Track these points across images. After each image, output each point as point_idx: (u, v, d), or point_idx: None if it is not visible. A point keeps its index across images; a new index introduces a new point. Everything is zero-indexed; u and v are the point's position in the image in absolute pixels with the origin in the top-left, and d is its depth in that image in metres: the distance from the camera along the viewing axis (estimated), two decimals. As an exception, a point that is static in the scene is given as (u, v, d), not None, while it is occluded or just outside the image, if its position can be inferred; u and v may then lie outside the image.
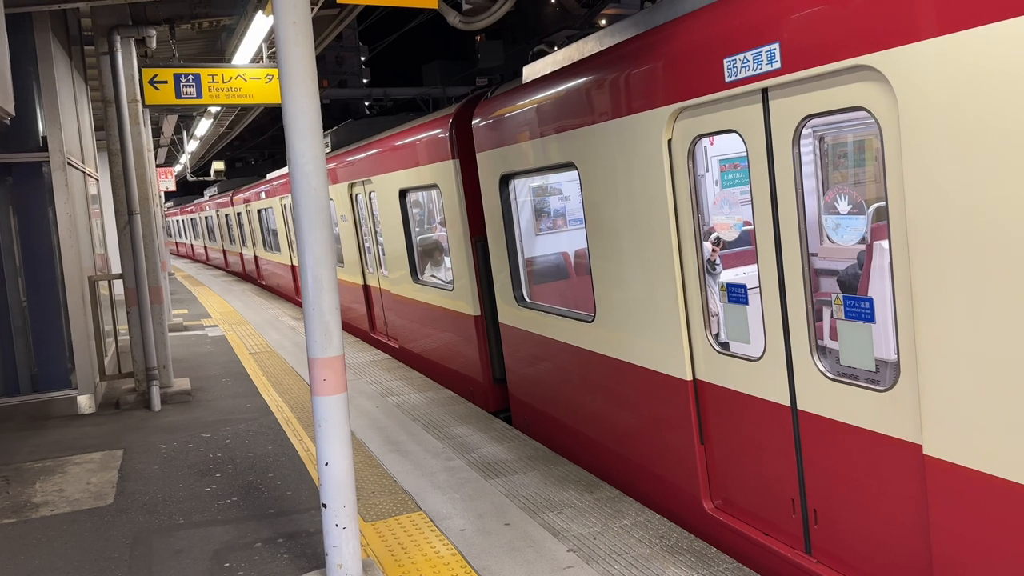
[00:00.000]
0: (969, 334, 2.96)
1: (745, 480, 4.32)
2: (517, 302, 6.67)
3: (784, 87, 3.67)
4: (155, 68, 8.72)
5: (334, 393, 3.90)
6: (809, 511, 3.91)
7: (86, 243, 9.09)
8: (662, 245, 4.59)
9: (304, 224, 3.84)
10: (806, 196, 3.81)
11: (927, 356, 3.12)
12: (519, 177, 6.50)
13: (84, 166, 9.72)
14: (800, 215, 3.75)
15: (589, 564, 4.23)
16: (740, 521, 4.39)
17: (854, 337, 3.59)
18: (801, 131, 3.69)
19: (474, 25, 5.83)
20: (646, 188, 4.65)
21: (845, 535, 3.73)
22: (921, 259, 3.09)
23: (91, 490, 5.89)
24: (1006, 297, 2.81)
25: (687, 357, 4.56)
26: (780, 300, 3.90)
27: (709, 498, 4.62)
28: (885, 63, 3.09)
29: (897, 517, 3.45)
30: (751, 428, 4.22)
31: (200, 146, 24.02)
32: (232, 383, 9.29)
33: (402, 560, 4.43)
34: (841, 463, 3.69)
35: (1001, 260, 2.80)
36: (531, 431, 6.79)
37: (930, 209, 3.02)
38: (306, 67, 3.79)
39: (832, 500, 3.77)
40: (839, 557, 3.78)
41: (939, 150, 2.95)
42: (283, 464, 6.20)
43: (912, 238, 3.11)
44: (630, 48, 4.75)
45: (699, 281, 4.43)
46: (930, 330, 3.10)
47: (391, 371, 9.32)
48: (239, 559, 4.58)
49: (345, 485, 3.95)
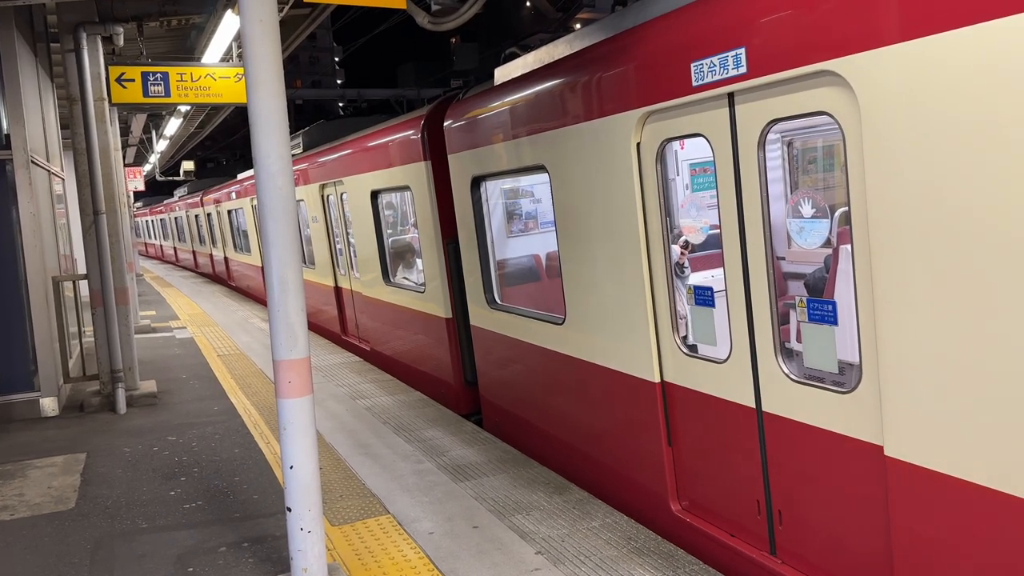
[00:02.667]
0: (928, 336, 2.97)
1: (712, 482, 4.34)
2: (488, 304, 6.67)
3: (750, 92, 3.68)
4: (122, 66, 8.63)
5: (299, 395, 3.86)
6: (774, 512, 3.94)
7: (50, 243, 8.93)
8: (631, 248, 4.60)
9: (270, 225, 3.80)
10: (774, 200, 3.85)
11: (888, 358, 3.14)
12: (490, 179, 6.51)
13: (49, 165, 9.56)
14: (765, 219, 3.79)
15: (556, 566, 4.23)
16: (707, 523, 4.41)
17: (817, 339, 3.63)
18: (767, 135, 3.72)
19: (443, 26, 5.82)
20: (615, 191, 4.66)
21: (809, 536, 3.75)
22: (882, 262, 3.12)
23: (52, 494, 5.78)
24: (965, 299, 2.83)
25: (655, 359, 4.58)
26: (746, 303, 3.93)
27: (677, 500, 4.63)
28: (847, 68, 3.12)
29: (859, 518, 3.46)
30: (718, 430, 4.24)
31: (170, 145, 23.74)
32: (199, 386, 9.17)
33: (369, 564, 4.39)
34: (805, 464, 3.71)
35: (960, 262, 2.82)
36: (502, 434, 6.78)
37: (891, 212, 3.05)
38: (272, 66, 3.75)
39: (796, 501, 3.80)
40: (803, 557, 3.81)
41: (899, 154, 2.98)
42: (250, 467, 6.13)
43: (873, 241, 3.15)
44: (599, 51, 4.76)
45: (667, 284, 4.43)
46: (890, 332, 3.12)
47: (362, 374, 9.27)
48: (202, 564, 4.51)
49: (310, 488, 3.91)
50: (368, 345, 10.33)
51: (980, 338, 2.80)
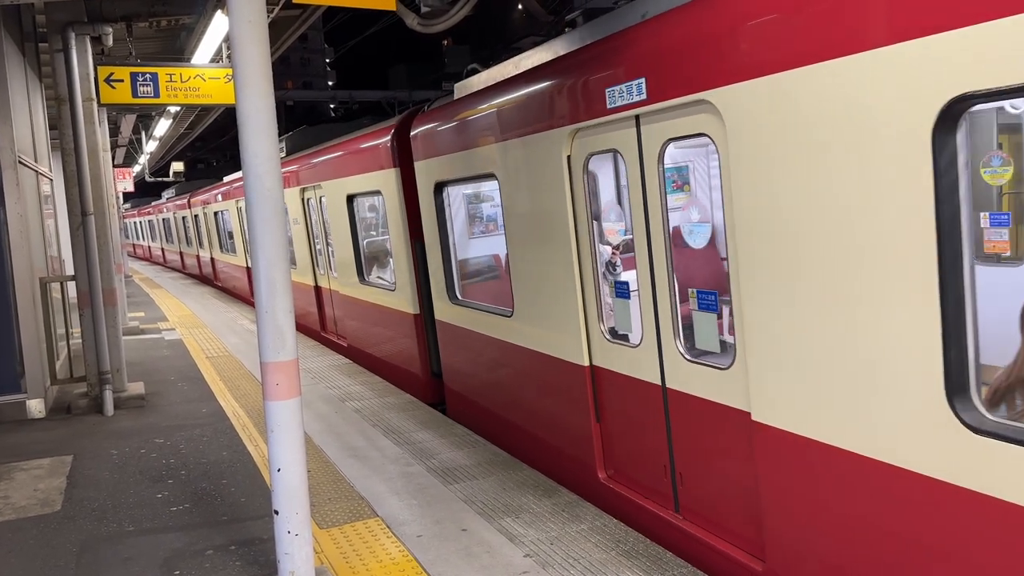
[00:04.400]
0: (775, 321, 3.60)
1: (631, 451, 4.94)
2: (450, 300, 7.19)
3: (650, 115, 4.29)
4: (111, 66, 8.58)
5: (287, 398, 3.85)
6: (677, 474, 4.52)
7: (38, 244, 8.87)
8: (564, 249, 5.16)
9: (258, 226, 3.78)
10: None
11: (749, 340, 3.77)
12: (451, 185, 7.03)
13: (37, 165, 9.50)
14: (665, 223, 4.38)
15: (545, 569, 4.22)
16: (627, 488, 4.99)
17: (704, 325, 4.28)
18: (664, 152, 4.30)
19: (432, 28, 5.82)
20: (551, 198, 5.24)
21: (702, 493, 4.34)
22: (742, 260, 3.73)
23: (38, 497, 5.74)
24: (801, 292, 3.44)
25: (585, 346, 5.15)
26: (652, 295, 4.51)
27: (603, 469, 5.21)
28: (717, 98, 3.75)
29: (737, 474, 4.05)
30: (634, 405, 4.83)
31: (159, 146, 23.66)
32: (188, 388, 9.13)
33: (356, 567, 4.37)
34: (698, 431, 4.32)
35: (796, 262, 3.45)
36: (463, 420, 7.27)
37: (747, 219, 3.68)
38: (261, 67, 3.74)
39: (692, 463, 4.39)
40: (699, 513, 4.40)
41: (751, 170, 3.62)
42: (237, 470, 6.10)
43: (737, 240, 3.75)
44: (538, 74, 5.36)
45: (594, 280, 5.02)
46: (750, 318, 3.75)
47: (351, 376, 9.24)
48: (189, 567, 4.49)
49: (298, 491, 3.90)
50: (346, 341, 10.73)
51: (814, 323, 3.40)
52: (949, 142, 2.79)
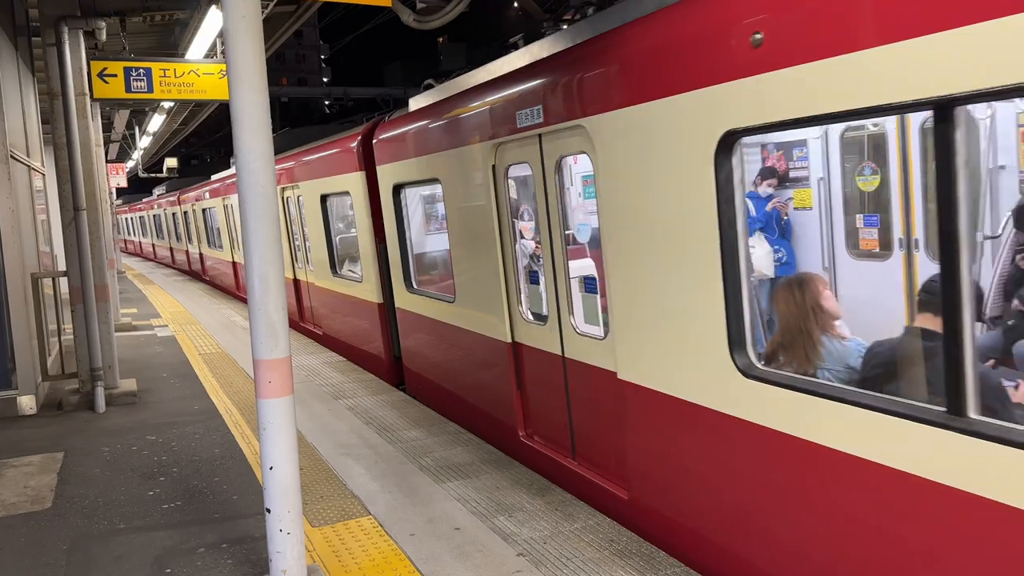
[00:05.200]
0: (626, 297, 4.56)
1: (542, 412, 5.88)
2: (407, 289, 8.09)
3: (548, 134, 5.20)
4: (104, 61, 8.54)
5: (280, 395, 3.82)
6: (574, 428, 5.44)
7: (29, 239, 8.82)
8: (491, 244, 6.01)
9: (251, 223, 3.76)
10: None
11: (613, 313, 4.71)
12: (407, 187, 7.86)
13: (29, 160, 9.45)
14: (560, 223, 5.29)
15: (538, 568, 4.21)
16: (540, 443, 5.92)
17: (589, 305, 5.25)
18: (560, 164, 5.24)
19: (428, 24, 5.81)
20: (479, 202, 6.13)
21: (590, 441, 5.28)
22: (608, 249, 4.69)
23: (28, 494, 5.71)
24: (641, 273, 4.38)
25: (508, 326, 6.05)
26: (554, 282, 5.41)
27: (523, 428, 6.11)
28: (589, 125, 4.67)
29: (612, 423, 4.92)
30: (544, 373, 5.73)
31: (153, 142, 23.57)
32: (180, 385, 9.09)
33: (349, 566, 4.36)
34: (586, 390, 5.24)
35: (638, 249, 4.37)
36: (419, 396, 8.11)
37: (609, 217, 4.62)
38: (255, 62, 3.71)
39: (583, 418, 5.32)
40: (588, 457, 5.32)
41: (611, 180, 4.57)
42: (230, 468, 6.07)
43: (604, 235, 4.70)
44: (471, 95, 6.24)
45: (515, 270, 5.96)
46: (612, 296, 4.70)
47: (344, 373, 9.22)
48: (181, 565, 4.46)
49: (290, 489, 3.88)
50: (320, 330, 11.52)
51: (647, 301, 4.36)
52: (726, 162, 3.72)
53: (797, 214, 6.60)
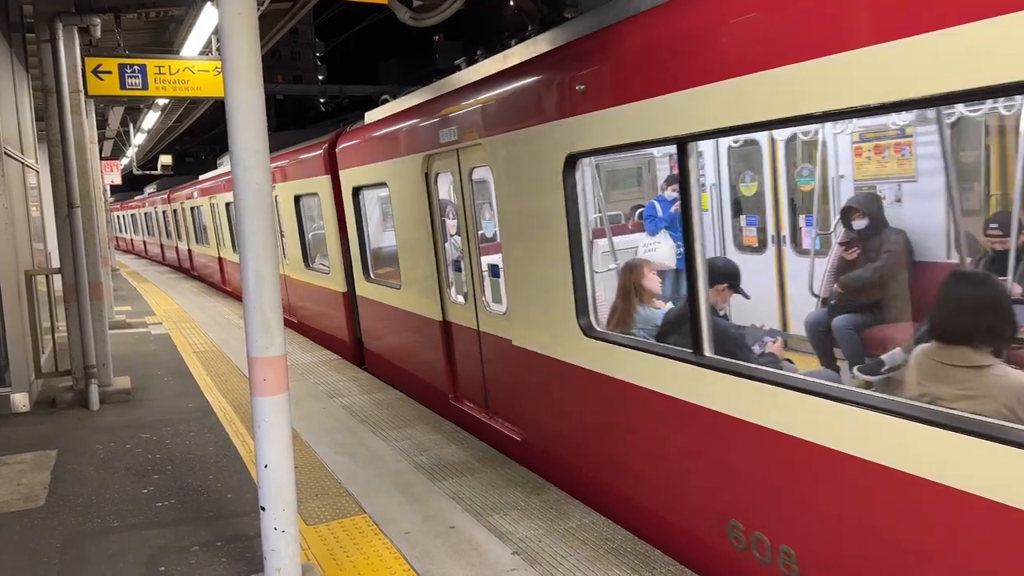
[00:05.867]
0: (514, 279, 5.81)
1: (466, 378, 7.05)
2: (366, 279, 9.26)
3: (462, 149, 6.36)
4: (99, 58, 8.50)
5: (275, 394, 3.82)
6: (487, 388, 6.63)
7: (23, 236, 8.79)
8: (426, 238, 7.19)
9: (246, 220, 3.74)
10: None
11: (507, 294, 5.98)
12: (364, 189, 8.98)
13: (23, 157, 9.41)
14: (474, 222, 6.51)
15: (533, 567, 4.21)
16: (464, 403, 7.09)
17: (494, 286, 6.46)
18: (472, 174, 6.42)
19: (424, 22, 5.80)
20: (417, 202, 7.27)
21: (497, 398, 6.49)
22: (503, 241, 5.92)
23: (21, 491, 5.68)
24: (523, 260, 5.63)
25: (439, 306, 7.24)
26: (471, 270, 6.60)
27: (452, 393, 7.28)
28: (486, 143, 5.89)
29: (510, 382, 6.20)
30: (465, 345, 6.92)
31: (147, 139, 23.50)
32: (174, 382, 9.07)
33: (344, 564, 4.35)
34: (493, 357, 6.43)
35: (521, 240, 5.63)
36: (377, 372, 9.29)
37: (502, 216, 5.93)
38: (250, 59, 3.69)
39: (492, 378, 6.53)
40: (497, 411, 6.53)
41: (500, 189, 5.83)
42: (224, 466, 6.06)
43: (499, 230, 5.97)
44: (410, 112, 7.50)
45: (444, 261, 7.14)
46: (506, 281, 5.96)
47: (339, 371, 9.20)
48: (175, 563, 4.45)
49: (285, 488, 3.87)
50: (296, 318, 12.52)
51: (526, 282, 5.65)
52: (570, 176, 4.96)
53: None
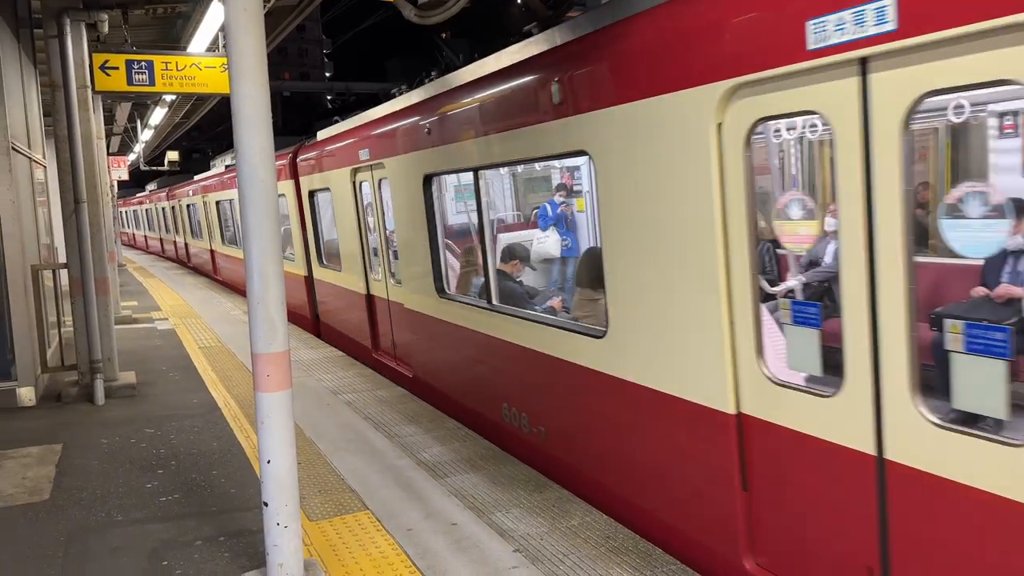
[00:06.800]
0: (401, 263, 8.00)
1: (382, 336, 9.22)
2: (320, 265, 11.49)
3: (374, 166, 8.40)
4: (106, 53, 8.52)
5: (278, 390, 3.83)
6: (394, 341, 8.76)
7: (30, 230, 8.82)
8: (355, 232, 9.29)
9: (251, 218, 3.75)
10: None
11: (398, 271, 8.14)
12: (316, 193, 11.11)
13: (30, 152, 9.44)
14: (383, 220, 8.52)
15: (535, 564, 4.22)
16: (382, 354, 9.26)
17: (398, 267, 8.38)
18: (381, 184, 8.39)
19: (429, 20, 5.80)
20: (349, 205, 9.39)
21: (399, 347, 8.62)
22: (398, 235, 7.89)
23: (26, 485, 5.72)
24: (403, 250, 7.94)
25: (364, 283, 9.43)
26: (383, 254, 8.62)
27: (375, 350, 9.46)
28: (387, 163, 7.82)
29: (403, 333, 8.38)
30: (381, 312, 9.04)
31: (155, 135, 23.54)
32: (180, 378, 9.10)
33: (345, 560, 4.37)
34: (396, 317, 8.51)
35: (400, 235, 7.95)
36: (328, 340, 11.26)
37: (396, 216, 7.89)
38: (256, 56, 3.71)
39: (397, 333, 8.61)
40: (400, 358, 8.61)
41: (394, 198, 7.90)
42: (228, 461, 6.08)
43: (396, 228, 8.04)
44: (343, 134, 9.45)
45: (367, 249, 9.24)
46: (398, 263, 8.03)
47: (343, 368, 9.23)
48: (178, 557, 4.47)
49: (287, 483, 3.88)
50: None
51: (407, 263, 7.90)
52: (428, 189, 6.81)
53: (579, 215, 9.17)
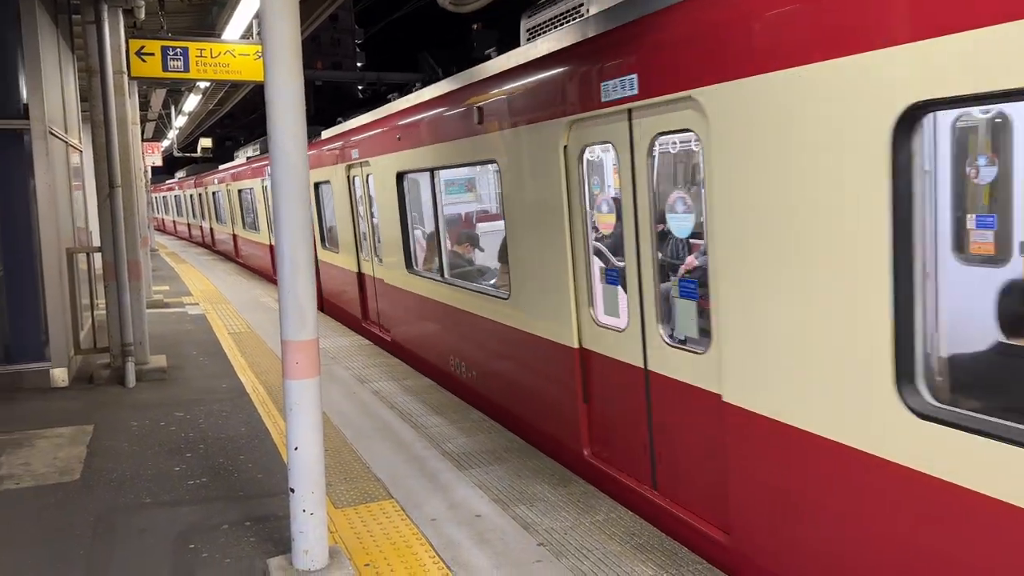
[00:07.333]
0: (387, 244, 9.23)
1: (371, 308, 10.31)
2: (323, 247, 12.74)
3: (363, 164, 9.57)
4: (142, 40, 8.60)
5: (306, 377, 3.84)
6: (379, 310, 9.94)
7: (65, 214, 8.95)
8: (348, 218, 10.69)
9: (283, 203, 3.76)
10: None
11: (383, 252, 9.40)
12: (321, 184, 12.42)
13: (67, 136, 9.57)
14: (356, 215, 10.26)
15: (559, 559, 4.20)
16: (371, 324, 10.39)
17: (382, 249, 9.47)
18: (368, 178, 9.60)
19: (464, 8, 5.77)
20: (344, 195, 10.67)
21: (384, 320, 9.73)
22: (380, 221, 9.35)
23: (58, 465, 5.80)
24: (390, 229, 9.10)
25: (356, 263, 10.61)
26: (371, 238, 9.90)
27: (364, 318, 10.70)
28: (373, 161, 9.08)
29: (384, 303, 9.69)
30: (380, 292, 9.87)
31: (188, 122, 23.78)
32: (209, 363, 9.19)
33: (370, 548, 4.38)
34: (381, 292, 9.58)
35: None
36: (329, 314, 12.45)
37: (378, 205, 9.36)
38: (290, 43, 3.70)
39: (381, 309, 9.81)
40: (384, 327, 9.78)
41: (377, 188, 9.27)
42: (256, 446, 6.13)
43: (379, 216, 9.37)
44: (344, 133, 10.54)
45: (359, 233, 10.42)
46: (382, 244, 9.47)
47: (370, 357, 9.26)
48: (204, 540, 4.51)
49: (314, 470, 3.89)
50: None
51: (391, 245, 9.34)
52: (400, 183, 8.24)
53: None
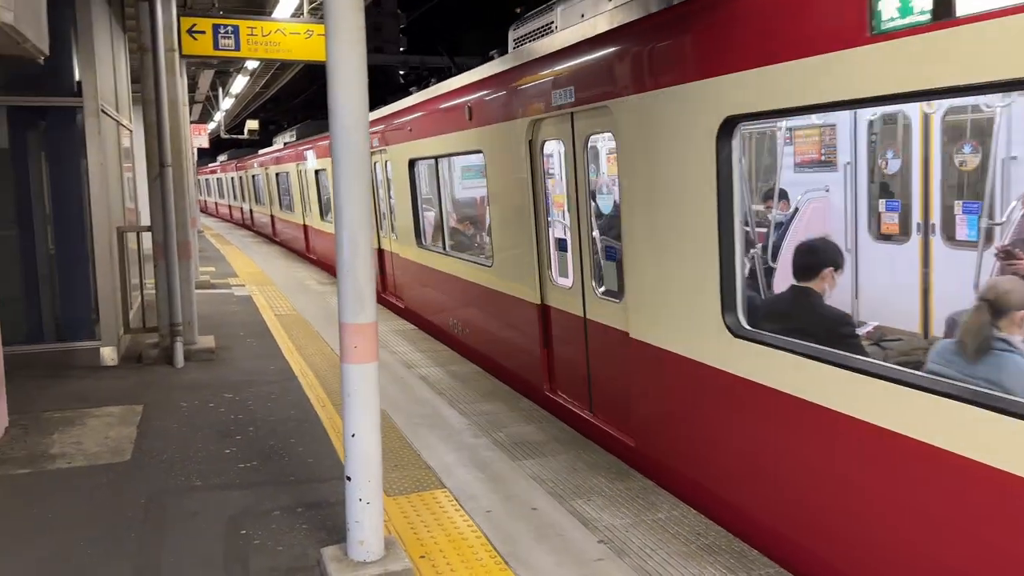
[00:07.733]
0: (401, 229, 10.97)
1: (396, 283, 11.34)
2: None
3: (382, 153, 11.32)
4: (194, 17, 8.55)
5: (365, 361, 3.71)
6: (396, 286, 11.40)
7: (116, 193, 8.95)
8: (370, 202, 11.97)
9: (343, 181, 3.61)
10: None
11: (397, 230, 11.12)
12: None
13: (118, 115, 9.57)
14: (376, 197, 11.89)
15: (621, 557, 4.02)
16: (393, 296, 11.42)
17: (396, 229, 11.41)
18: (387, 163, 11.05)
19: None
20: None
21: (399, 290, 11.29)
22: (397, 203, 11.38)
23: (109, 444, 5.77)
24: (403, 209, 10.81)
25: (389, 243, 11.41)
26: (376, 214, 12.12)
27: (387, 291, 11.57)
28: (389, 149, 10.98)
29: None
30: (396, 265, 11.09)
31: (235, 103, 23.91)
32: (257, 344, 9.16)
33: (424, 539, 4.24)
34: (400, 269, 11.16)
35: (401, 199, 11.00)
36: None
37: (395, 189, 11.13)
38: (353, 16, 3.55)
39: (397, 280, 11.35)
40: (399, 296, 11.28)
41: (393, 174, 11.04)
42: (305, 431, 6.04)
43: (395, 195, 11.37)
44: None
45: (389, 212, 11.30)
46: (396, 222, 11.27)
47: (414, 343, 9.15)
48: (256, 526, 4.42)
49: (371, 459, 3.77)
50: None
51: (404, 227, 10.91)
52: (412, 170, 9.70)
53: None
